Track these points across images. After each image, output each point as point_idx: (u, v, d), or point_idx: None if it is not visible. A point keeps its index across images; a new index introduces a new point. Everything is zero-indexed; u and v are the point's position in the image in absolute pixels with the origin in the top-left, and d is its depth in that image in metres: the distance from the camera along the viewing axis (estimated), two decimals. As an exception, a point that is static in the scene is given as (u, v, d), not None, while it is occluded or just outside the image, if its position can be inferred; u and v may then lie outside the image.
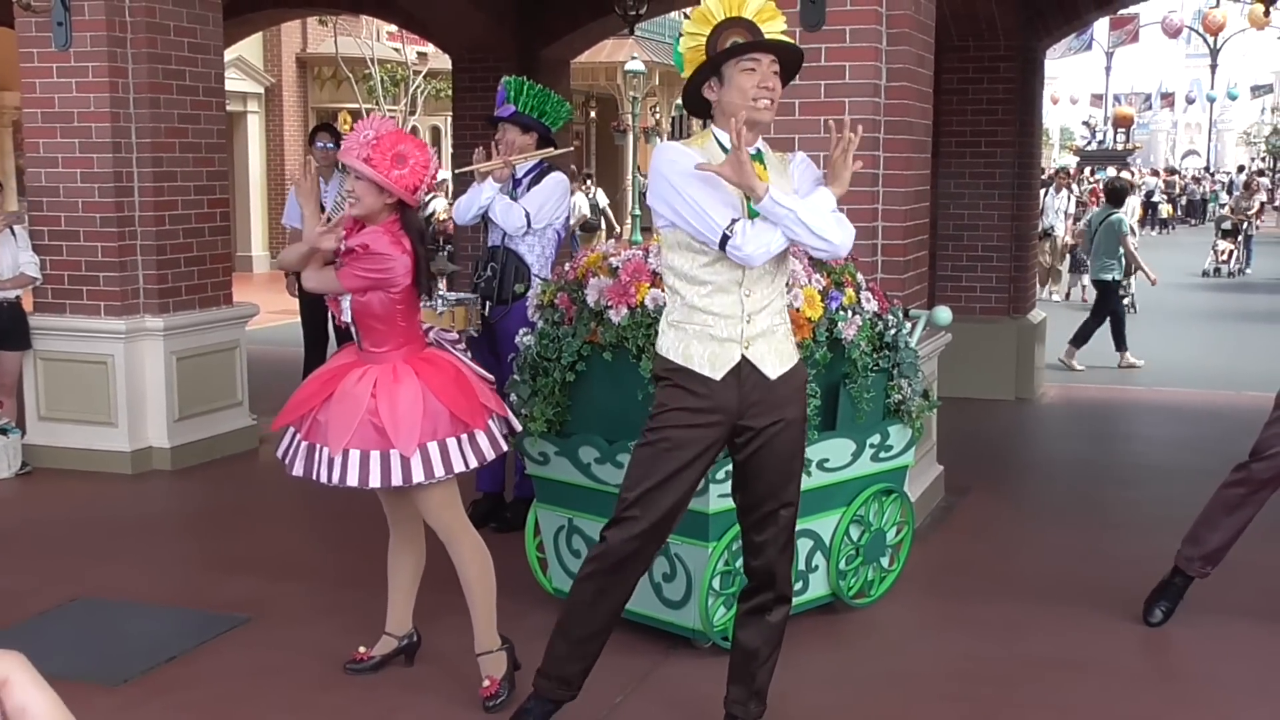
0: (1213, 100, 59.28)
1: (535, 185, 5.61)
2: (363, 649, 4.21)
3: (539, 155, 5.61)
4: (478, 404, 3.87)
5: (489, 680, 3.92)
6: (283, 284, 8.89)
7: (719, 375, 3.31)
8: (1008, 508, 6.46)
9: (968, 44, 9.16)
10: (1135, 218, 18.61)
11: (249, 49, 19.64)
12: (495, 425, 3.93)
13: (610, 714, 3.87)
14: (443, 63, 16.53)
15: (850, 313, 4.36)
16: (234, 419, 7.45)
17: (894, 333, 4.60)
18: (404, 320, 3.84)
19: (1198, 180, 44.77)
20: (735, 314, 3.29)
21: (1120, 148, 46.85)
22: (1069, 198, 18.59)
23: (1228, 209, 24.52)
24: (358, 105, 21.11)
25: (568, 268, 4.48)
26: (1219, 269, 21.17)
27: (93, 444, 6.92)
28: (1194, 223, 38.12)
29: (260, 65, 20.91)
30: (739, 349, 3.31)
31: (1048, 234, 16.50)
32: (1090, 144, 54.19)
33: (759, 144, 3.33)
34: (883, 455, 4.66)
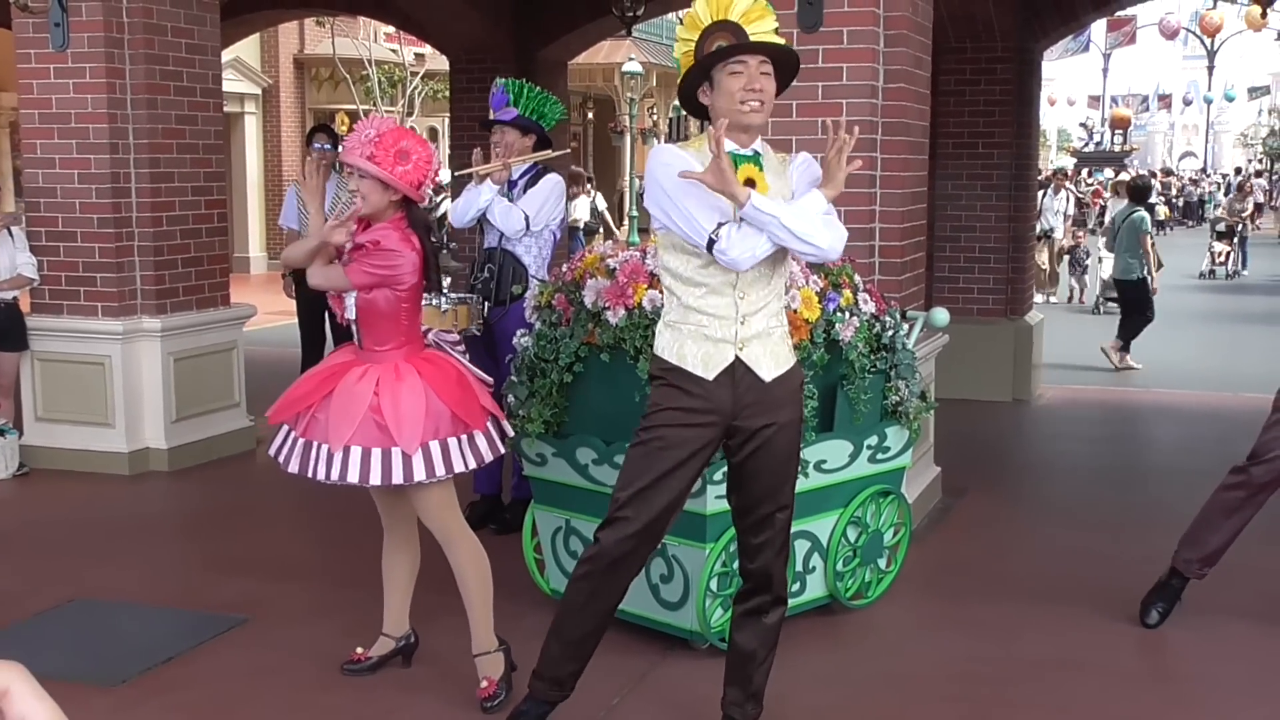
0: (1210, 102, 59.33)
1: (532, 187, 5.61)
2: (360, 650, 4.21)
3: (538, 157, 5.61)
4: (478, 405, 3.88)
5: (486, 681, 3.92)
6: (280, 285, 8.89)
7: (711, 375, 3.31)
8: (1005, 509, 6.46)
9: (965, 45, 9.17)
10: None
11: (246, 50, 19.63)
12: (493, 427, 3.94)
13: (608, 715, 3.87)
14: (440, 64, 16.53)
15: (848, 314, 4.36)
16: (231, 420, 7.45)
17: (891, 334, 4.60)
18: (407, 319, 3.84)
19: (1195, 182, 44.81)
20: (730, 315, 3.30)
21: (1117, 149, 46.93)
22: (1066, 198, 18.60)
23: (1222, 210, 24.56)
24: (355, 106, 21.09)
25: (565, 269, 4.48)
26: (1214, 271, 21.19)
27: (90, 445, 6.92)
28: (1191, 224, 38.17)
29: (257, 66, 20.89)
30: (733, 350, 3.31)
31: (1047, 235, 16.50)
32: (1087, 145, 54.25)
33: (757, 145, 3.33)
34: (880, 457, 4.66)
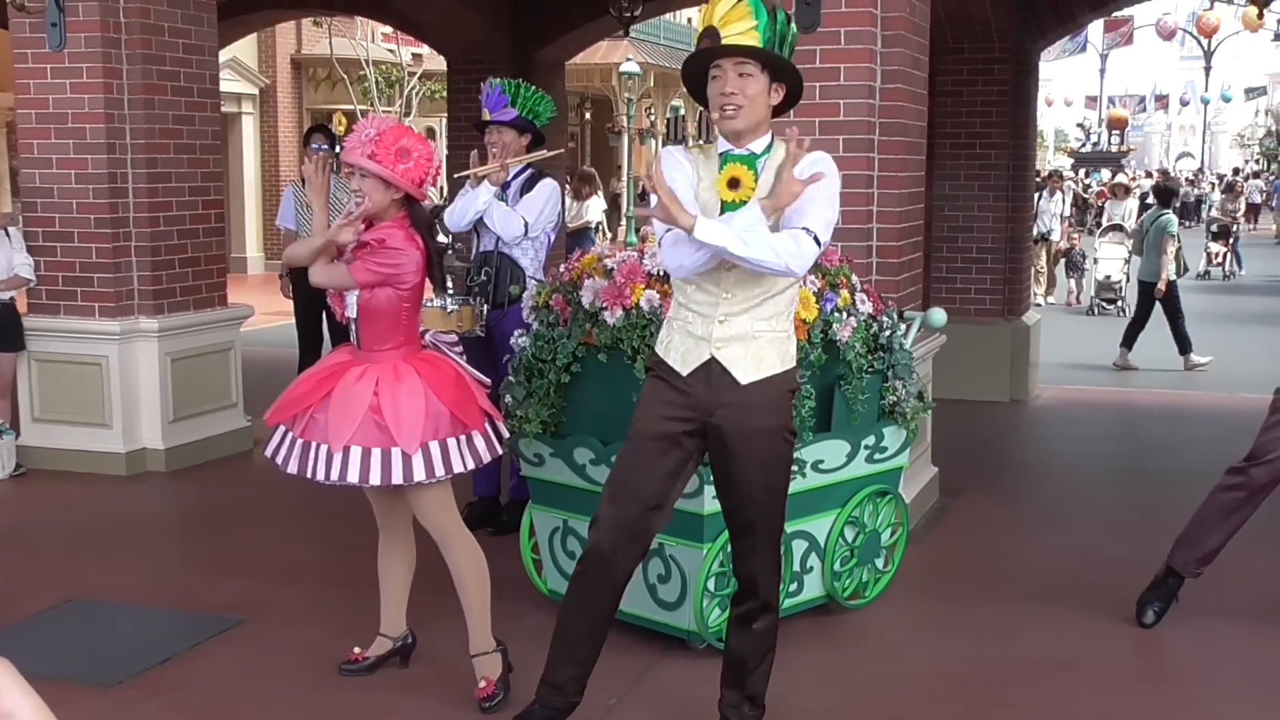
0: (1207, 102, 59.33)
1: (527, 189, 5.60)
2: (358, 650, 4.21)
3: (534, 158, 5.60)
4: (476, 406, 3.88)
5: (485, 681, 3.92)
6: (277, 285, 8.88)
7: (685, 371, 3.34)
8: (1002, 509, 6.47)
9: (962, 46, 9.17)
10: (1132, 219, 18.59)
11: (244, 50, 19.62)
12: (490, 428, 3.94)
13: (605, 715, 3.87)
14: (438, 64, 16.54)
15: (845, 314, 4.36)
16: (228, 420, 7.45)
17: (889, 334, 4.60)
18: (407, 319, 3.84)
19: (1192, 182, 44.81)
20: (711, 313, 3.32)
21: (1114, 150, 46.96)
22: (1062, 200, 18.60)
23: (1215, 211, 24.57)
24: (353, 107, 21.09)
25: (563, 269, 4.48)
26: (1208, 272, 21.17)
27: (87, 445, 6.91)
28: (1188, 224, 38.11)
29: (255, 66, 20.89)
30: (709, 348, 3.32)
31: (1044, 238, 16.50)
32: (1085, 146, 54.27)
33: (758, 143, 3.31)
34: (877, 457, 4.66)
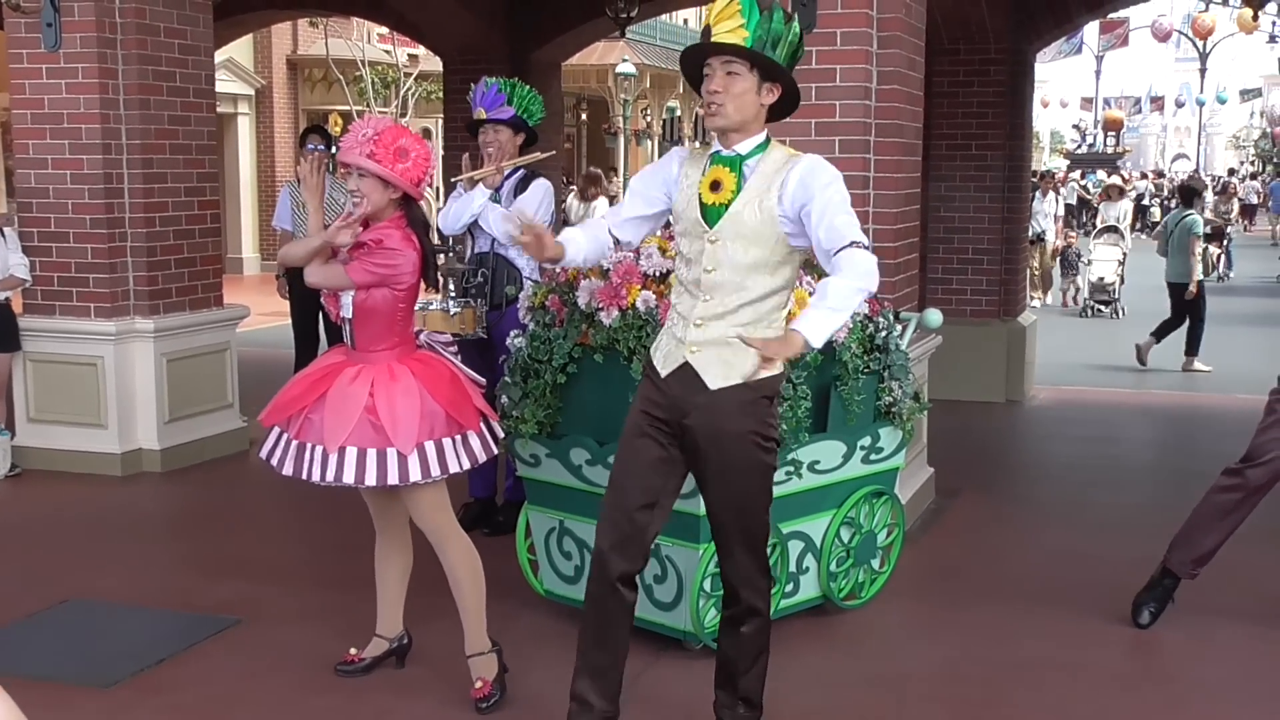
0: (1202, 104, 59.36)
1: (521, 189, 5.60)
2: (353, 651, 4.21)
3: (529, 160, 5.59)
4: (471, 405, 3.88)
5: (481, 682, 3.92)
6: (273, 286, 8.88)
7: (665, 372, 3.36)
8: (998, 510, 6.47)
9: (958, 47, 9.18)
10: (1128, 220, 18.61)
11: (239, 51, 19.60)
12: (485, 428, 3.94)
13: (601, 716, 3.87)
14: (434, 65, 16.50)
15: (841, 315, 4.35)
16: (224, 421, 7.44)
17: (885, 335, 4.61)
18: (402, 319, 3.84)
19: (1187, 184, 44.83)
20: (688, 316, 3.33)
21: (1110, 151, 47.01)
22: (1056, 200, 18.61)
23: (1208, 213, 24.53)
24: (349, 107, 21.06)
25: (559, 269, 4.47)
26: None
27: (83, 446, 6.90)
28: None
29: (251, 67, 20.87)
30: (685, 351, 3.32)
31: (1039, 239, 16.51)
32: (1080, 147, 54.31)
33: (745, 145, 3.29)
34: (873, 457, 4.66)
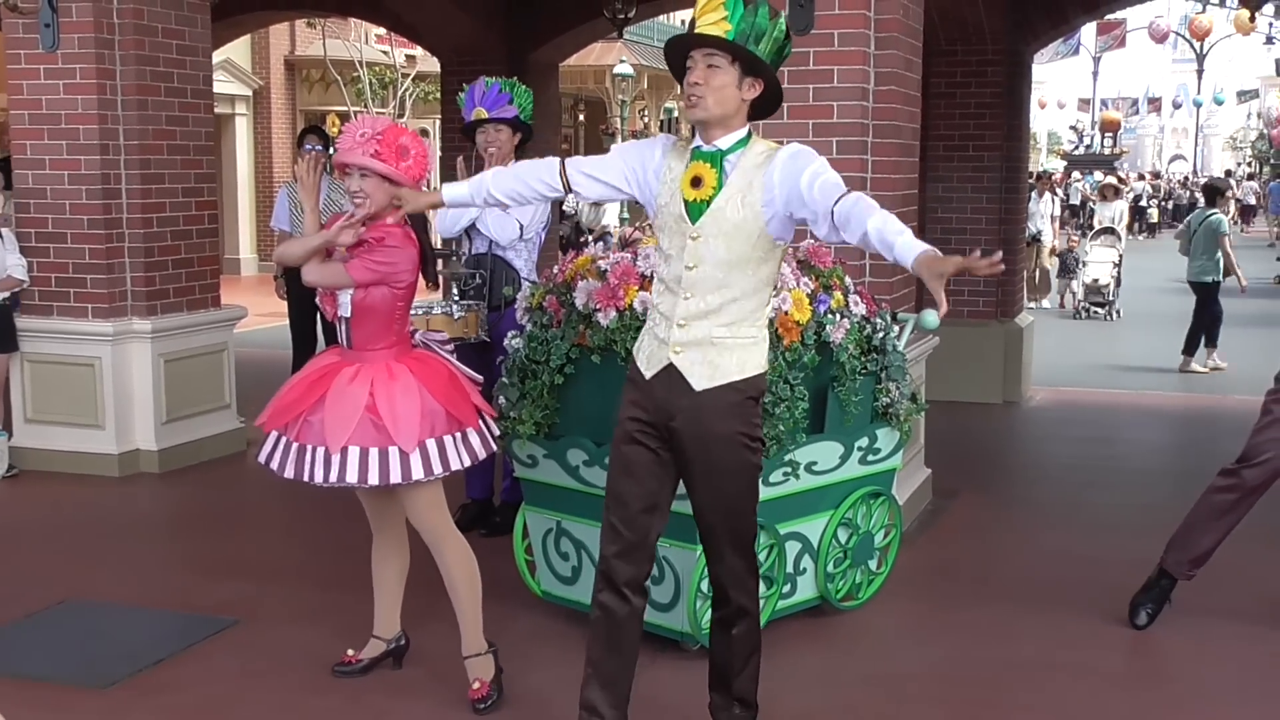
0: (1199, 105, 59.41)
1: None
2: (351, 652, 4.21)
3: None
4: (469, 403, 3.88)
5: (479, 683, 3.92)
6: (271, 287, 8.88)
7: (649, 374, 3.33)
8: (995, 511, 6.47)
9: (955, 48, 9.19)
10: (1124, 221, 18.60)
11: (237, 51, 19.60)
12: (484, 425, 3.95)
13: (598, 716, 3.87)
14: (431, 66, 16.52)
15: (838, 316, 4.36)
16: (221, 422, 7.44)
17: (882, 336, 4.61)
18: (400, 317, 3.85)
19: (1184, 184, 44.91)
20: (671, 315, 3.30)
21: (1107, 152, 47.00)
22: (1053, 201, 18.62)
23: None
24: (346, 108, 21.07)
25: (556, 270, 4.48)
26: None
27: (80, 446, 6.90)
28: (1180, 227, 38.18)
29: (248, 68, 20.86)
30: (669, 352, 3.30)
31: (1036, 240, 16.52)
32: (1077, 148, 54.27)
33: (725, 140, 3.26)
34: (871, 458, 4.67)
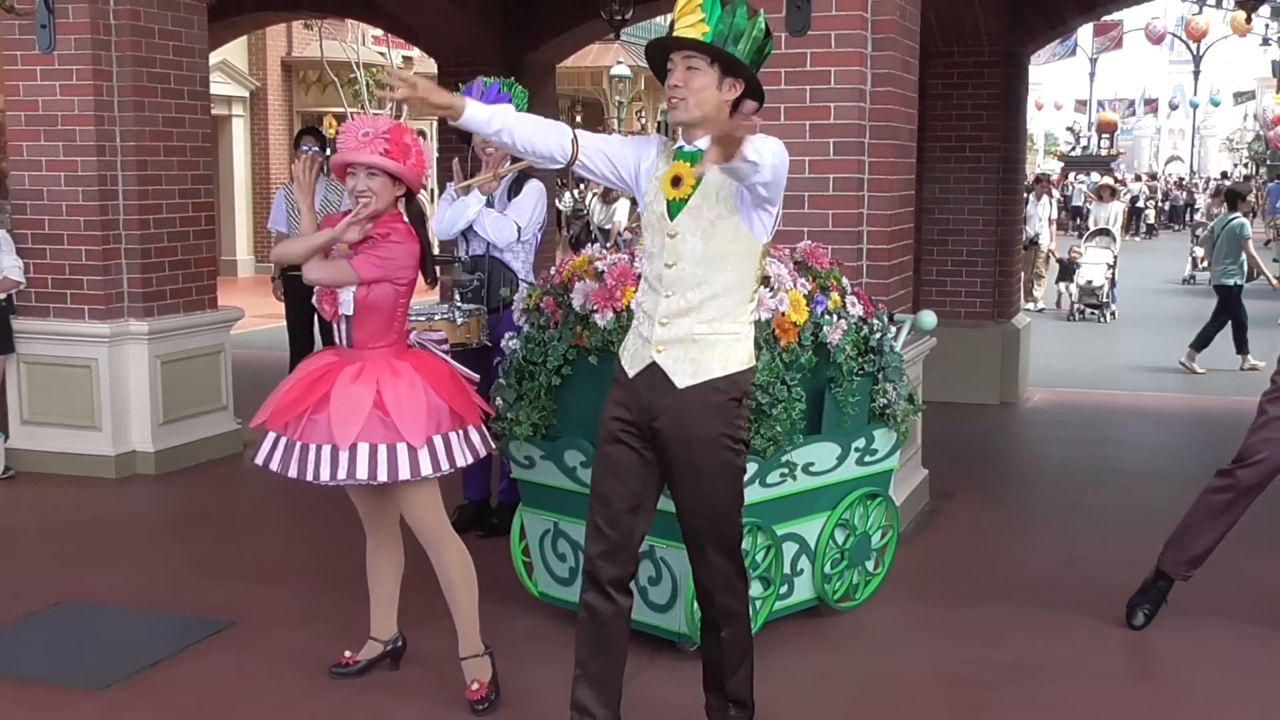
0: (1196, 106, 59.45)
1: (514, 192, 5.59)
2: (348, 653, 4.21)
3: (523, 165, 5.57)
4: (470, 401, 3.89)
5: (477, 684, 3.92)
6: (268, 288, 8.88)
7: (632, 373, 3.33)
8: (992, 511, 6.48)
9: (952, 49, 9.20)
10: (1120, 223, 18.61)
11: (234, 52, 19.59)
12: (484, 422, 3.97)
13: (596, 717, 3.87)
14: (428, 67, 16.48)
15: (835, 317, 4.36)
16: (218, 423, 7.44)
17: (879, 337, 4.61)
18: (400, 315, 3.85)
19: (1180, 186, 44.97)
20: (653, 314, 3.30)
21: (1104, 153, 47.08)
22: (1050, 204, 18.62)
23: (1201, 215, 24.59)
24: (343, 109, 21.06)
25: (554, 271, 4.48)
26: (1194, 276, 21.15)
27: (76, 448, 6.90)
28: (1177, 228, 38.28)
29: (245, 69, 20.85)
30: (651, 351, 3.30)
31: (1034, 242, 16.52)
32: (1074, 150, 54.32)
33: (701, 142, 3.22)
34: (868, 459, 4.67)
